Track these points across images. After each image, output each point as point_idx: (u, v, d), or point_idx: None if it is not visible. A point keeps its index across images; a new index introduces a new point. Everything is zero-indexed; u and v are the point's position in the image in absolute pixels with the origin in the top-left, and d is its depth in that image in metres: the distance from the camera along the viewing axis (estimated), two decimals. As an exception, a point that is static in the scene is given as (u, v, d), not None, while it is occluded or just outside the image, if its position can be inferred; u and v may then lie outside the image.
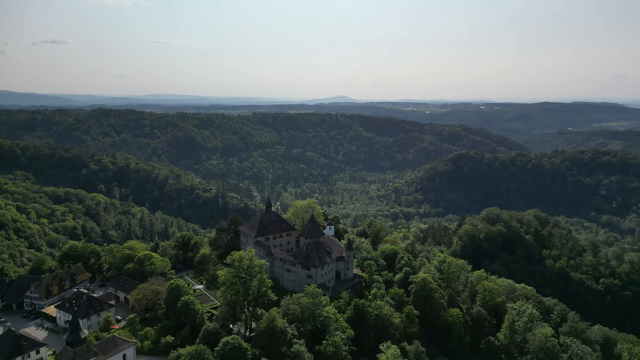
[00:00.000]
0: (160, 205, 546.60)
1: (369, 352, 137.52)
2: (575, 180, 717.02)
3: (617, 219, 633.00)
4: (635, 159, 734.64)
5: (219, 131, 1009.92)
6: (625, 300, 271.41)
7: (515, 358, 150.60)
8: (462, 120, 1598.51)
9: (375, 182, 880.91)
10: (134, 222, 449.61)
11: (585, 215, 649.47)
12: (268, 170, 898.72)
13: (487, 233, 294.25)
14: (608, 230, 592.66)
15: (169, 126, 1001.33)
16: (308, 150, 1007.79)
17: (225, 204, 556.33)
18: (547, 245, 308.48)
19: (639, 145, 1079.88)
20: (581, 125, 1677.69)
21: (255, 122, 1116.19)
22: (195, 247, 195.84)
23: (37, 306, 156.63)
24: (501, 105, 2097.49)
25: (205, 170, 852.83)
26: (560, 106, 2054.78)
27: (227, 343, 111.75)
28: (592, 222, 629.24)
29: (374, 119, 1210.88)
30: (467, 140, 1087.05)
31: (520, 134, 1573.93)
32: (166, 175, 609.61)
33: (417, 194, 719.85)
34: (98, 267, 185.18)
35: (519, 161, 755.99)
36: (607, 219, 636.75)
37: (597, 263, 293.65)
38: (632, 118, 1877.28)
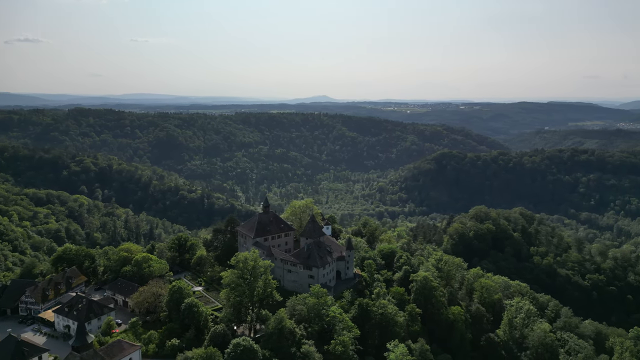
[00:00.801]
0: (144, 207, 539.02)
1: (373, 350, 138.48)
2: (554, 178, 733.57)
3: (595, 216, 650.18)
4: (612, 157, 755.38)
5: (202, 131, 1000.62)
6: (610, 295, 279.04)
7: (515, 354, 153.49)
8: (442, 119, 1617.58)
9: (359, 182, 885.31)
10: (119, 224, 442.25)
11: (565, 213, 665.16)
12: (252, 171, 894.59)
13: (477, 231, 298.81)
14: (587, 227, 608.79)
15: (150, 126, 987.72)
16: (292, 150, 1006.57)
17: (211, 205, 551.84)
18: (534, 242, 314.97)
19: (614, 143, 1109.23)
20: (557, 125, 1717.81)
21: (238, 122, 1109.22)
22: (192, 249, 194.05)
23: (33, 311, 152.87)
24: (480, 105, 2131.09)
25: (189, 171, 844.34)
26: (536, 106, 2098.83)
27: (238, 345, 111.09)
28: (571, 219, 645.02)
29: (357, 118, 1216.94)
30: (448, 139, 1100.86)
31: (499, 133, 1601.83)
32: (150, 176, 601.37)
33: (401, 193, 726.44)
34: (93, 270, 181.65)
35: (501, 160, 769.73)
36: (586, 215, 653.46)
37: (583, 259, 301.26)
38: (605, 117, 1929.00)
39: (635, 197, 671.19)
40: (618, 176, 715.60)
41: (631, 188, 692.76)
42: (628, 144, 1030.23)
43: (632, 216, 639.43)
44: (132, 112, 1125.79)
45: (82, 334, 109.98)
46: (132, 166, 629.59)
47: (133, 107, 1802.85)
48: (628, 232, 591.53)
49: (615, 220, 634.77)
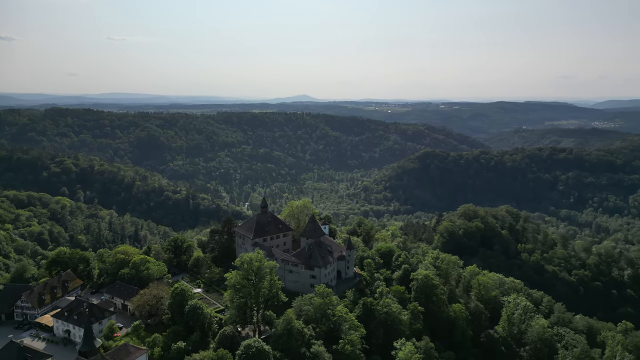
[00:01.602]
0: (128, 208, 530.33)
1: (378, 349, 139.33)
2: (535, 176, 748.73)
3: (575, 213, 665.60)
4: (589, 156, 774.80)
5: (183, 131, 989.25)
6: (596, 290, 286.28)
7: (514, 349, 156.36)
8: (423, 119, 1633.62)
9: (343, 181, 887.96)
10: (103, 225, 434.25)
11: (546, 210, 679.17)
12: (236, 171, 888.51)
13: (466, 229, 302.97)
14: (567, 224, 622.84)
15: (130, 126, 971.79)
16: (275, 150, 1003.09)
17: (197, 206, 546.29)
18: (521, 239, 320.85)
19: (590, 142, 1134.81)
20: (534, 124, 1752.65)
21: (220, 121, 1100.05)
22: (188, 250, 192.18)
23: (29, 316, 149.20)
24: (459, 104, 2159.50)
25: (171, 171, 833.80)
26: (514, 105, 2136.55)
27: (249, 346, 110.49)
28: (552, 216, 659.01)
29: (340, 118, 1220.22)
30: (430, 138, 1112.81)
31: (478, 132, 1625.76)
32: (133, 177, 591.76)
33: (386, 192, 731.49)
34: (87, 273, 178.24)
35: (482, 159, 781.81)
36: (565, 213, 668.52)
37: (569, 256, 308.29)
38: (580, 117, 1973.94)
39: (613, 195, 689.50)
40: (595, 174, 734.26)
41: (608, 186, 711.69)
42: (603, 143, 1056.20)
43: (610, 213, 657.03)
44: (112, 112, 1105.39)
45: (89, 338, 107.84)
46: (115, 167, 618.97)
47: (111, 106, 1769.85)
48: (606, 228, 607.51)
49: (594, 217, 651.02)
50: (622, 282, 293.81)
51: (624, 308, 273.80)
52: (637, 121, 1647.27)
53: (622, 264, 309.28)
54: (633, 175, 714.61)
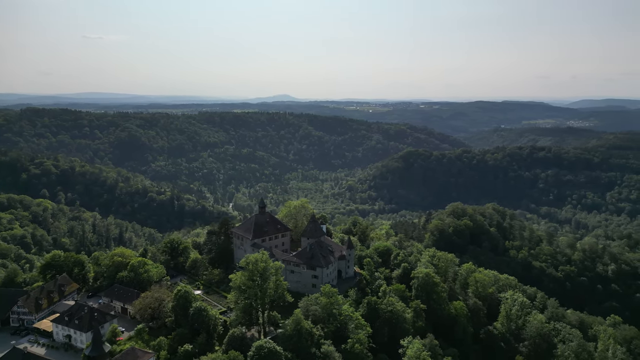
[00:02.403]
0: (111, 210, 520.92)
1: (382, 348, 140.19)
2: (516, 174, 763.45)
3: (555, 210, 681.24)
4: (567, 154, 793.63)
5: (165, 131, 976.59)
6: (581, 285, 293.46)
7: (513, 345, 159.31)
8: (404, 118, 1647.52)
9: (327, 181, 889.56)
10: (87, 228, 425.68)
11: (527, 207, 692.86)
12: (219, 171, 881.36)
13: (455, 227, 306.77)
14: (548, 221, 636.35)
15: (110, 126, 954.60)
16: (258, 150, 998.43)
17: (182, 207, 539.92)
18: (508, 237, 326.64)
19: (566, 141, 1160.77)
20: (512, 123, 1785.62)
21: (202, 121, 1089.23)
22: (185, 252, 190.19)
23: (26, 321, 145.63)
24: (439, 104, 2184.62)
25: (153, 172, 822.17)
26: (492, 105, 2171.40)
27: (261, 347, 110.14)
28: (533, 213, 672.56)
29: (323, 118, 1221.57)
30: (412, 138, 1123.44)
31: (458, 131, 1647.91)
32: (115, 178, 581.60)
33: (370, 191, 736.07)
34: (82, 277, 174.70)
35: (465, 158, 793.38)
36: (546, 210, 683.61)
37: (554, 252, 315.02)
38: (556, 116, 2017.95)
39: (590, 192, 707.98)
40: (574, 172, 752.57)
41: (586, 183, 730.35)
42: (579, 141, 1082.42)
43: (588, 209, 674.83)
44: (90, 112, 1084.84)
45: (98, 343, 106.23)
46: (96, 168, 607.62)
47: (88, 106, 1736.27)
48: (585, 224, 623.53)
49: (573, 213, 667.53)
50: (607, 277, 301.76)
51: (609, 302, 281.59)
52: (611, 120, 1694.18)
53: (605, 259, 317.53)
54: (610, 173, 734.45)
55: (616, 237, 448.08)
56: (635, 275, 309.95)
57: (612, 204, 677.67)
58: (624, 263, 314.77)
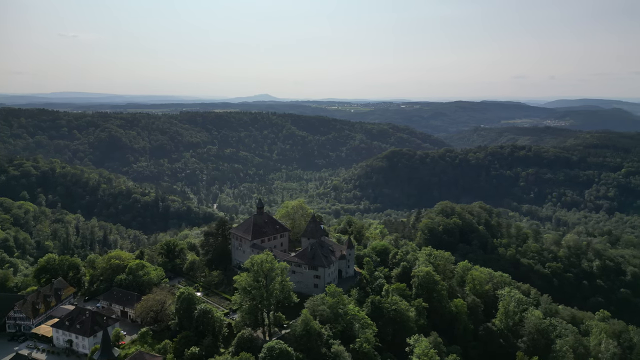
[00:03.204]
0: (94, 212, 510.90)
1: (387, 346, 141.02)
2: (497, 173, 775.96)
3: (536, 208, 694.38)
4: (547, 153, 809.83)
5: (146, 131, 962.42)
6: (568, 281, 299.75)
7: (511, 341, 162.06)
8: (385, 118, 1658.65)
9: (312, 180, 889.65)
10: (71, 230, 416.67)
11: (509, 205, 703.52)
12: (202, 171, 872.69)
13: (445, 226, 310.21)
14: (530, 219, 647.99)
15: (89, 127, 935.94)
16: (242, 150, 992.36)
17: (167, 208, 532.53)
18: (496, 234, 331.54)
19: (544, 140, 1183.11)
20: (491, 122, 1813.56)
21: (184, 121, 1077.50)
22: (182, 254, 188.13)
23: (24, 327, 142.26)
24: (420, 104, 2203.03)
25: (135, 173, 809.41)
26: (471, 105, 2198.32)
27: (272, 348, 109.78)
28: (514, 211, 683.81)
29: (306, 117, 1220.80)
30: (395, 137, 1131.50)
31: (439, 130, 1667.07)
32: (97, 180, 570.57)
33: (355, 190, 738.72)
34: (77, 280, 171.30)
35: (448, 157, 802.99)
36: (527, 208, 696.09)
37: (541, 249, 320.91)
38: (533, 115, 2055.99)
39: (570, 190, 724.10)
40: (553, 170, 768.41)
41: (565, 181, 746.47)
42: (557, 140, 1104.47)
43: (568, 207, 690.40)
44: (68, 112, 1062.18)
45: (107, 347, 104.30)
46: (77, 169, 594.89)
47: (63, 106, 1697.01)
48: (566, 222, 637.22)
49: (554, 211, 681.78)
50: (592, 273, 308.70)
51: (595, 298, 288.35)
52: (586, 119, 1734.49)
53: (590, 255, 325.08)
54: (588, 171, 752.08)
55: (597, 233, 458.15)
56: (618, 271, 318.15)
57: (590, 201, 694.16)
58: (607, 259, 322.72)
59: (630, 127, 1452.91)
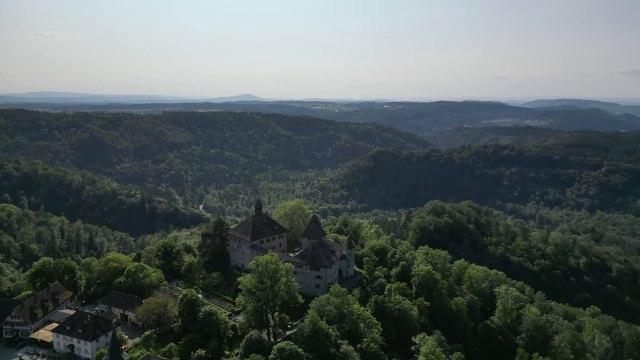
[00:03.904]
0: (78, 214, 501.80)
1: (390, 346, 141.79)
2: (481, 172, 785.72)
3: (519, 206, 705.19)
4: (529, 152, 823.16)
5: (129, 132, 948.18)
6: (556, 278, 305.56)
7: (510, 337, 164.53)
8: (369, 118, 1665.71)
9: (298, 181, 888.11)
10: (56, 233, 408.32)
11: (493, 204, 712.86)
12: (187, 172, 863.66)
13: (436, 225, 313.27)
14: (514, 217, 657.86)
15: (70, 127, 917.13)
16: (227, 150, 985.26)
17: (153, 209, 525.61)
18: (485, 233, 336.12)
19: (526, 139, 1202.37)
20: (472, 122, 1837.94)
21: (168, 121, 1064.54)
22: (179, 255, 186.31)
23: (21, 332, 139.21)
24: (403, 104, 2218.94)
25: (118, 174, 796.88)
26: (453, 105, 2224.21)
27: (282, 349, 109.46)
28: (499, 210, 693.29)
29: (291, 117, 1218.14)
30: (379, 137, 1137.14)
31: (422, 130, 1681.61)
32: (81, 181, 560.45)
33: (342, 190, 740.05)
34: (73, 284, 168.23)
35: (433, 157, 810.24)
36: (511, 206, 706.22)
37: (530, 246, 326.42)
38: (513, 115, 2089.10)
39: (552, 188, 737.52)
40: (536, 169, 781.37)
41: (547, 180, 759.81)
42: (538, 140, 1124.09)
43: (551, 205, 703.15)
44: (48, 112, 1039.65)
45: (116, 351, 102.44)
46: (60, 170, 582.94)
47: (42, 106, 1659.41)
48: (549, 220, 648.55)
49: (537, 209, 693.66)
50: (579, 270, 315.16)
51: (583, 294, 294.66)
52: (565, 119, 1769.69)
53: (576, 252, 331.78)
54: (569, 170, 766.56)
55: (581, 231, 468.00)
56: (604, 268, 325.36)
57: (572, 199, 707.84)
58: (593, 256, 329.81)
59: (608, 126, 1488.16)
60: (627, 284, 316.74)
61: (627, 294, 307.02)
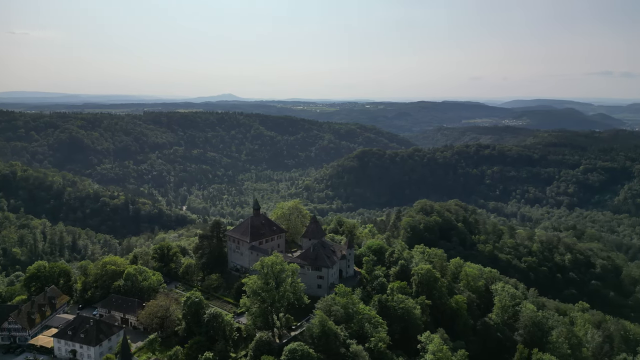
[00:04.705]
0: (60, 217, 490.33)
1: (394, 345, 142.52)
2: (464, 171, 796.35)
3: (501, 205, 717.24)
4: (510, 151, 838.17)
5: (109, 132, 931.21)
6: (543, 275, 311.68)
7: (507, 333, 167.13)
8: (351, 118, 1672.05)
9: (282, 181, 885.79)
10: (39, 236, 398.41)
11: (476, 203, 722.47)
12: (169, 173, 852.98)
13: (426, 223, 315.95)
14: (496, 215, 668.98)
15: (48, 127, 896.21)
16: (209, 151, 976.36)
17: (137, 211, 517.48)
18: (474, 231, 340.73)
19: (505, 139, 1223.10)
20: (452, 122, 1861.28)
21: (148, 121, 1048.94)
22: (175, 258, 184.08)
23: (19, 338, 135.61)
24: (384, 104, 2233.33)
25: (99, 176, 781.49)
26: (433, 105, 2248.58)
27: (294, 350, 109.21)
28: (482, 208, 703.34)
29: (274, 117, 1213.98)
30: (362, 137, 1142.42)
31: (403, 130, 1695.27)
32: (62, 183, 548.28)
33: (327, 190, 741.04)
34: (68, 288, 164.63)
35: (416, 156, 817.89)
36: (493, 205, 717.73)
37: (517, 244, 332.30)
38: (492, 115, 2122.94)
39: (532, 186, 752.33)
40: (517, 168, 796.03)
41: (528, 178, 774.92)
42: (517, 139, 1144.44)
43: (531, 203, 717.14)
44: (25, 112, 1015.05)
45: (127, 356, 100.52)
46: (40, 172, 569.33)
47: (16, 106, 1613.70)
48: (530, 217, 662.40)
49: (518, 207, 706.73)
50: (564, 266, 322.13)
51: (569, 290, 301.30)
52: (541, 119, 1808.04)
53: (561, 249, 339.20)
54: (549, 168, 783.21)
55: (563, 228, 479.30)
56: (588, 264, 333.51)
57: (552, 197, 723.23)
58: (578, 252, 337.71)
59: (583, 126, 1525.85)
60: (610, 280, 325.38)
61: (611, 289, 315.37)
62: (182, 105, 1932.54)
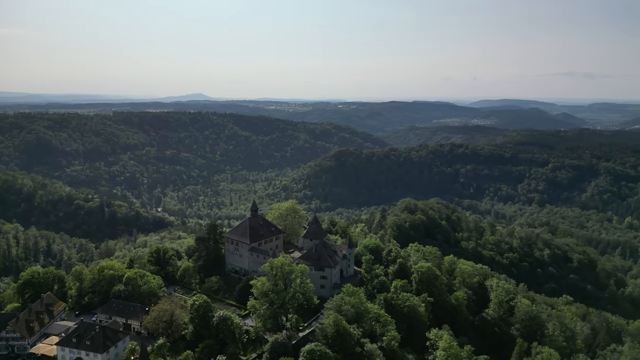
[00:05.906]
0: (31, 221, 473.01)
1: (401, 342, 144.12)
2: (439, 170, 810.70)
3: (476, 202, 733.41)
4: (482, 150, 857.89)
5: (78, 133, 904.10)
6: (524, 270, 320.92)
7: (503, 328, 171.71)
8: (324, 118, 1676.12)
9: (258, 181, 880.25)
10: (12, 241, 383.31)
11: (451, 201, 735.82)
12: (142, 174, 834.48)
13: (411, 222, 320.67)
14: (471, 213, 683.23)
15: (13, 128, 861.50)
16: (183, 152, 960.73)
17: (113, 214, 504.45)
18: (456, 228, 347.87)
19: (475, 138, 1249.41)
20: (424, 122, 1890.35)
21: (119, 122, 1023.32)
22: (172, 261, 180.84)
23: (17, 347, 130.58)
24: (356, 104, 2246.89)
25: (69, 178, 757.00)
26: (404, 105, 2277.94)
27: (312, 351, 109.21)
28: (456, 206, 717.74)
29: (248, 117, 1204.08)
30: (337, 137, 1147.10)
31: (376, 130, 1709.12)
32: (32, 186, 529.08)
33: (306, 190, 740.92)
34: (63, 294, 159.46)
35: (392, 156, 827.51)
36: (468, 202, 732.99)
37: (499, 241, 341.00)
38: (461, 115, 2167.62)
39: (504, 184, 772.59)
40: (489, 166, 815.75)
41: (500, 176, 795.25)
42: (487, 138, 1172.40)
43: (504, 201, 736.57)
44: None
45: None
46: (8, 174, 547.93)
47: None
48: (504, 214, 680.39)
49: (492, 205, 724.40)
50: (544, 261, 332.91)
51: (549, 284, 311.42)
52: (507, 118, 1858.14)
53: (540, 245, 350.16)
54: (519, 167, 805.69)
55: (537, 224, 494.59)
56: (566, 259, 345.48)
57: (523, 194, 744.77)
58: (555, 247, 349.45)
59: (548, 125, 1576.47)
60: (587, 274, 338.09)
61: (588, 282, 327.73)
62: (152, 105, 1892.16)
